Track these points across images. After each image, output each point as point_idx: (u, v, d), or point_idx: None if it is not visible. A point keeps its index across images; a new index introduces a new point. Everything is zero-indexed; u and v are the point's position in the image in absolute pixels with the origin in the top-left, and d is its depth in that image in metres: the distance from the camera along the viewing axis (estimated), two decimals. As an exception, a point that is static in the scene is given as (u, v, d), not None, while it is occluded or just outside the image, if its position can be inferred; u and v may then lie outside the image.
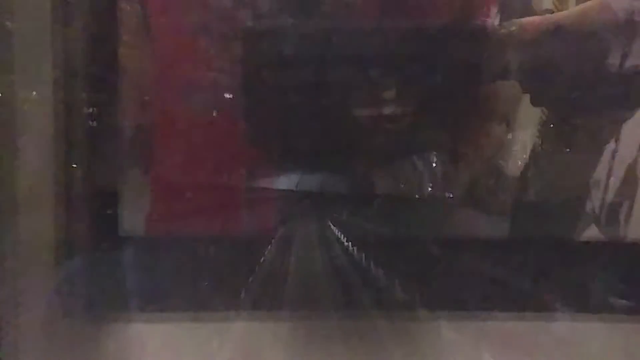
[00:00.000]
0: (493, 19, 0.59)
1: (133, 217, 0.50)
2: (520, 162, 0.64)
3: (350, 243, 0.53)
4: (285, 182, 0.58)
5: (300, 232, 0.53)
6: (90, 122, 0.47)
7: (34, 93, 0.42)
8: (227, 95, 0.54)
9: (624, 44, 0.54)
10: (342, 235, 0.54)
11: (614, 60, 0.54)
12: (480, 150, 0.60)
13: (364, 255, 0.51)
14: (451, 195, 0.60)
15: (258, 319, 0.47)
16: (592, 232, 0.58)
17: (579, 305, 0.49)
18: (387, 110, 0.54)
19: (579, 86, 0.56)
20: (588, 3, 0.54)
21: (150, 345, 0.47)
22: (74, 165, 0.45)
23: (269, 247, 0.51)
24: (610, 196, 0.59)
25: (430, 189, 0.59)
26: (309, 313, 0.47)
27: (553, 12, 0.58)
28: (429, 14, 0.54)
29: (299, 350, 0.47)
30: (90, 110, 0.47)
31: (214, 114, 0.53)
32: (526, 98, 0.62)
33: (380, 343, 0.46)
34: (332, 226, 0.55)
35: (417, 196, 0.59)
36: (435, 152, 0.60)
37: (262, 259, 0.50)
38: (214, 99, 0.54)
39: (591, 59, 0.54)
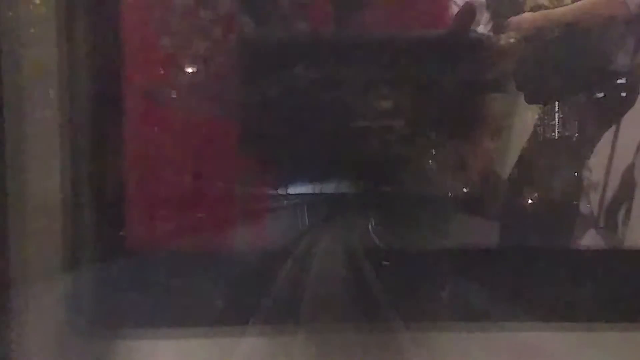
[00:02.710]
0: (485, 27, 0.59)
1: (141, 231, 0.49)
2: (515, 168, 0.64)
3: (362, 252, 0.52)
4: (282, 189, 0.58)
5: (311, 243, 0.53)
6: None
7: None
8: (225, 105, 0.54)
9: (636, 38, 0.52)
10: (354, 244, 0.54)
11: (624, 54, 0.52)
12: (474, 160, 0.60)
13: (373, 265, 0.51)
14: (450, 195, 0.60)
15: (271, 334, 0.47)
16: (590, 240, 0.59)
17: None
18: (384, 120, 0.54)
19: (584, 82, 0.54)
20: None
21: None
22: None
23: (281, 260, 0.50)
24: (608, 200, 0.60)
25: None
26: (323, 326, 0.47)
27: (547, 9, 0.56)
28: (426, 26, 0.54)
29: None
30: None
31: (218, 128, 0.53)
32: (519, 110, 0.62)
33: (399, 355, 0.46)
34: (342, 234, 0.55)
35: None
36: (431, 160, 0.60)
37: (275, 272, 0.49)
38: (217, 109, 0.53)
39: (599, 54, 0.53)
